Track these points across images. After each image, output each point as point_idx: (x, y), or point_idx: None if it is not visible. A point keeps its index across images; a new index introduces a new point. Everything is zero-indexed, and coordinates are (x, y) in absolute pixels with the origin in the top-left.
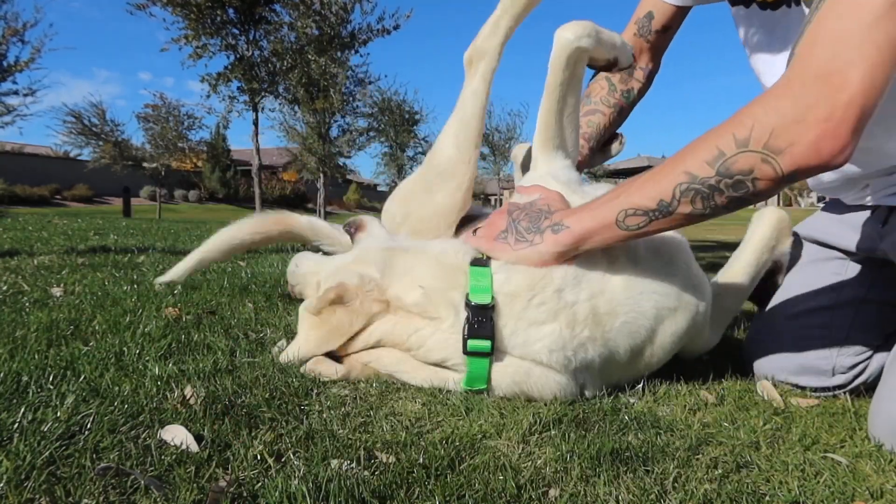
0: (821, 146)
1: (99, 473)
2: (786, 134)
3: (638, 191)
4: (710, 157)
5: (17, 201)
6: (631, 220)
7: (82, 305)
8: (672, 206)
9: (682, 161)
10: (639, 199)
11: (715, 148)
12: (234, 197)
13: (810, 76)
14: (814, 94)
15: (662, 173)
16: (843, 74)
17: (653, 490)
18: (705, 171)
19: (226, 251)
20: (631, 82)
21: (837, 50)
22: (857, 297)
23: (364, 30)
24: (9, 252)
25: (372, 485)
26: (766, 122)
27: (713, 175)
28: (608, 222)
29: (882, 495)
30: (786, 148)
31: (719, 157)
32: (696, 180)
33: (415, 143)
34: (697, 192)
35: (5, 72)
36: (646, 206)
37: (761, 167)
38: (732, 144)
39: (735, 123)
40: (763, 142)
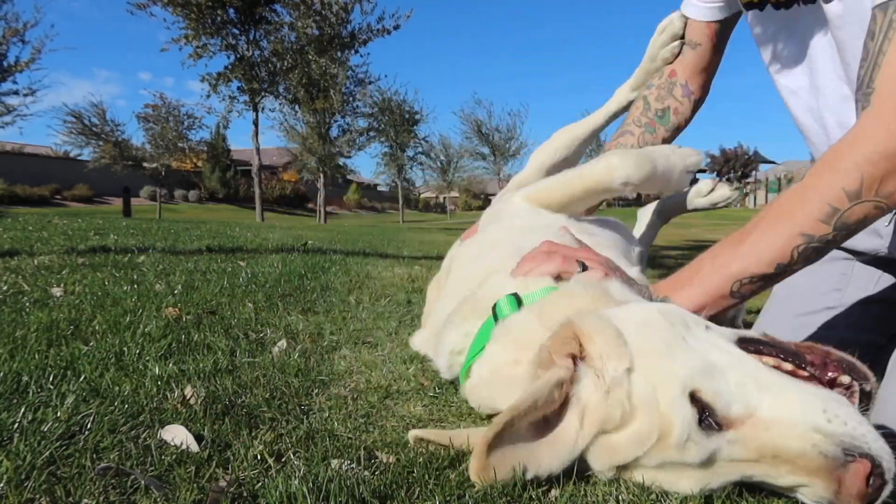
0: None
1: (99, 473)
2: (893, 177)
3: (751, 258)
4: (824, 215)
5: (18, 201)
6: (747, 287)
7: (82, 305)
8: (790, 266)
9: (791, 222)
10: (756, 267)
11: (827, 205)
12: (234, 197)
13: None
14: None
15: (772, 236)
16: None
17: (653, 490)
18: (822, 229)
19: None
20: (668, 100)
21: None
22: (862, 298)
23: (364, 30)
24: (9, 252)
25: (372, 485)
26: (874, 171)
27: (831, 231)
28: (723, 294)
29: None
30: (894, 191)
31: (834, 213)
32: (813, 240)
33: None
34: (815, 249)
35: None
36: (764, 273)
37: (873, 212)
38: (845, 199)
39: (841, 175)
40: (874, 190)
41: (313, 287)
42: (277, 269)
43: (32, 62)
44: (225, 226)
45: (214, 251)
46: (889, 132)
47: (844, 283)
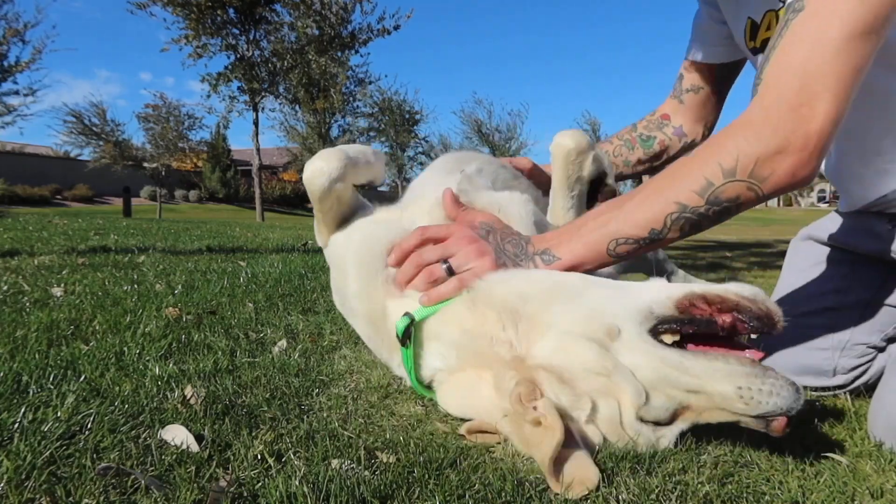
0: (797, 172)
1: (99, 473)
2: (769, 163)
3: (627, 220)
4: (699, 187)
5: (18, 201)
6: (622, 248)
7: (83, 305)
8: (663, 233)
9: (670, 190)
10: (630, 229)
11: (703, 178)
12: (234, 197)
13: (784, 108)
14: (790, 125)
15: (650, 202)
16: (812, 106)
17: (653, 490)
18: (695, 200)
19: None
20: (655, 132)
21: (805, 83)
22: (863, 300)
23: (364, 30)
24: (9, 252)
25: (373, 485)
26: (750, 152)
27: (703, 204)
28: (600, 252)
29: (882, 495)
30: (768, 176)
31: (708, 187)
32: (686, 209)
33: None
34: (687, 220)
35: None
36: (638, 236)
37: (746, 194)
38: (720, 174)
39: (720, 152)
40: (749, 171)
41: (313, 287)
42: (278, 268)
43: (33, 62)
44: (225, 226)
45: (215, 251)
46: (767, 120)
47: (847, 284)
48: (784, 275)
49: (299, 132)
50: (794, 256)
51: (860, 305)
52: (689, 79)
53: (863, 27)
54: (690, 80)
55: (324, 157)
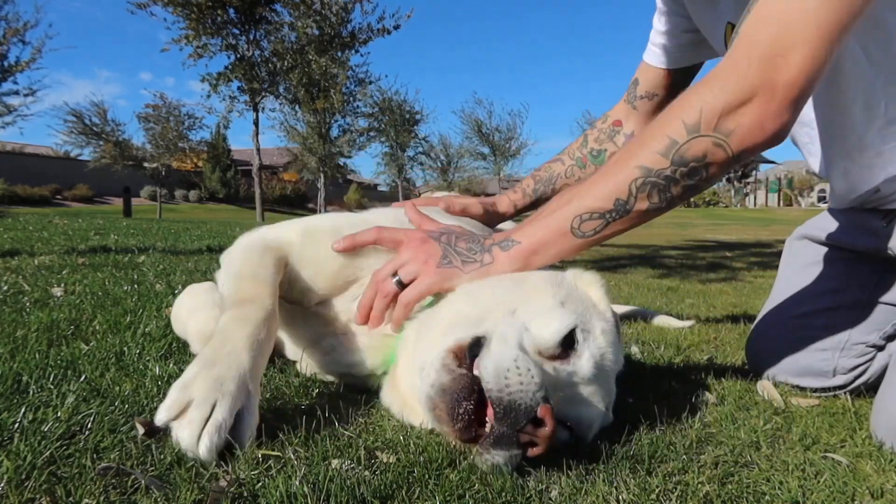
0: (765, 124)
1: (100, 473)
2: (733, 115)
3: (589, 192)
4: (663, 147)
5: (18, 201)
6: (587, 225)
7: (83, 305)
8: (629, 203)
9: (633, 155)
10: (592, 201)
11: (666, 137)
12: (234, 197)
13: (755, 56)
14: (758, 74)
15: (614, 170)
16: (786, 56)
17: (653, 490)
18: (660, 162)
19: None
20: (606, 143)
21: (782, 32)
22: (861, 299)
23: (364, 29)
24: (9, 252)
25: (373, 485)
26: (715, 103)
27: (668, 166)
28: (562, 231)
29: (882, 495)
30: (734, 129)
31: (672, 146)
32: (651, 173)
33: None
34: (654, 186)
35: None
36: (601, 208)
37: (714, 151)
38: (683, 131)
39: (683, 108)
40: (713, 125)
41: None
42: None
43: (33, 62)
44: (225, 226)
45: (215, 251)
46: (734, 69)
47: (844, 283)
48: (781, 275)
49: (299, 132)
50: (791, 256)
51: (858, 304)
52: (644, 84)
53: None
54: (645, 86)
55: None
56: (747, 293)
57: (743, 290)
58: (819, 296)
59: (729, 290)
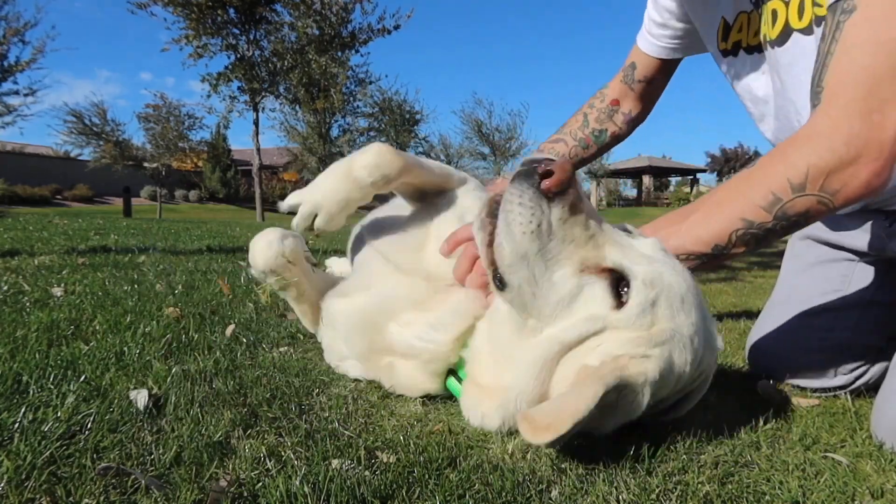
0: (871, 182)
1: (99, 473)
2: (841, 175)
3: (689, 235)
4: (766, 202)
5: (18, 201)
6: (685, 263)
7: (83, 305)
8: (727, 249)
9: (734, 205)
10: (693, 245)
11: (770, 193)
12: (234, 197)
13: (855, 116)
14: (862, 135)
15: (716, 216)
16: (883, 113)
17: (653, 489)
18: (762, 216)
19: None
20: (607, 123)
21: (872, 89)
22: (863, 300)
23: (364, 29)
24: (9, 252)
25: (373, 485)
26: (821, 165)
27: (771, 220)
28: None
29: (882, 495)
30: (840, 188)
31: (776, 202)
32: (752, 226)
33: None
34: (753, 236)
35: (6, 72)
36: (700, 251)
37: (817, 208)
38: (788, 190)
39: (787, 166)
40: (819, 185)
41: None
42: None
43: (33, 62)
44: (225, 226)
45: (215, 251)
46: (837, 129)
47: (846, 284)
48: (783, 274)
49: (299, 132)
50: (793, 256)
51: (859, 305)
52: (642, 70)
53: None
54: (643, 71)
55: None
56: (747, 293)
57: (743, 289)
58: (821, 296)
59: (729, 289)
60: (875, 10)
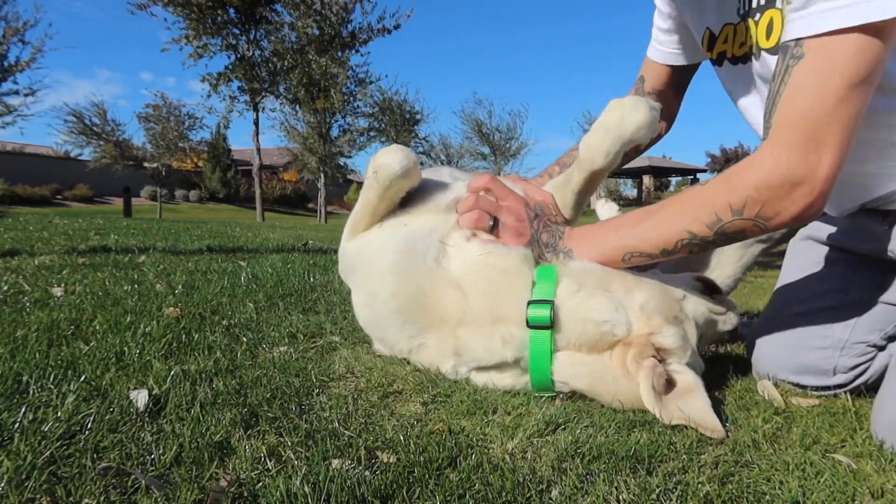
0: (802, 214)
1: (100, 473)
2: (776, 206)
3: (643, 238)
4: (710, 221)
5: (18, 201)
6: (635, 259)
7: (83, 305)
8: (673, 252)
9: (683, 219)
10: (645, 247)
11: (714, 215)
12: (234, 197)
13: (794, 156)
14: (798, 174)
15: (664, 226)
16: (819, 154)
17: (654, 489)
18: (704, 231)
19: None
20: None
21: (812, 133)
22: (863, 299)
23: (364, 29)
24: (10, 252)
25: (373, 485)
26: (759, 197)
27: (711, 235)
28: (615, 260)
29: (883, 495)
30: (773, 216)
31: (717, 222)
32: (695, 238)
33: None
34: (696, 245)
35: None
36: (650, 253)
37: (752, 229)
38: (729, 213)
39: (732, 194)
40: (756, 212)
41: (314, 287)
42: (278, 268)
43: (33, 62)
44: (225, 226)
45: (215, 251)
46: (777, 166)
47: (846, 284)
48: (783, 275)
49: (300, 132)
50: (794, 256)
51: (859, 304)
52: (651, 82)
53: (860, 78)
54: (651, 83)
55: (398, 151)
56: (747, 293)
57: (743, 289)
58: (821, 295)
59: None
60: (819, 62)
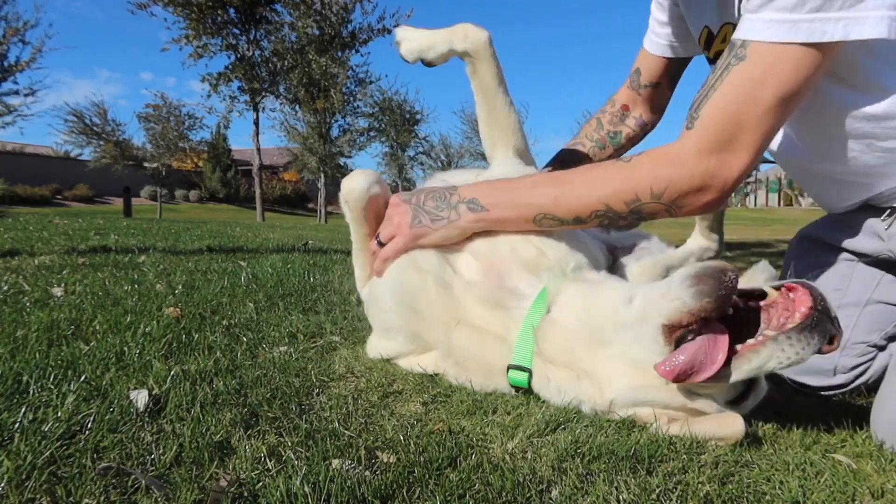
0: (709, 206)
1: (100, 473)
2: (689, 198)
3: (559, 203)
4: (629, 199)
5: (18, 201)
6: (546, 222)
7: (83, 305)
8: (585, 222)
9: (603, 190)
10: (559, 211)
11: (634, 194)
12: (234, 197)
13: (714, 153)
14: (713, 171)
15: (584, 192)
16: (737, 156)
17: (654, 489)
18: (621, 208)
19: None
20: (620, 126)
21: (735, 133)
22: (862, 299)
23: (365, 29)
24: (10, 252)
25: (373, 485)
26: (677, 188)
27: (626, 212)
28: (526, 219)
29: (883, 495)
30: (685, 205)
31: (635, 201)
32: (610, 212)
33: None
34: (608, 218)
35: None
36: (562, 218)
37: (663, 213)
38: (648, 196)
39: (656, 180)
40: (671, 200)
41: (314, 287)
42: (278, 268)
43: (33, 62)
44: (225, 225)
45: (215, 251)
46: (698, 163)
47: (845, 283)
48: (783, 275)
49: (300, 132)
50: (793, 257)
51: (859, 304)
52: (646, 74)
53: (792, 92)
54: (648, 76)
55: (358, 173)
56: None
57: None
58: None
59: None
60: (757, 69)
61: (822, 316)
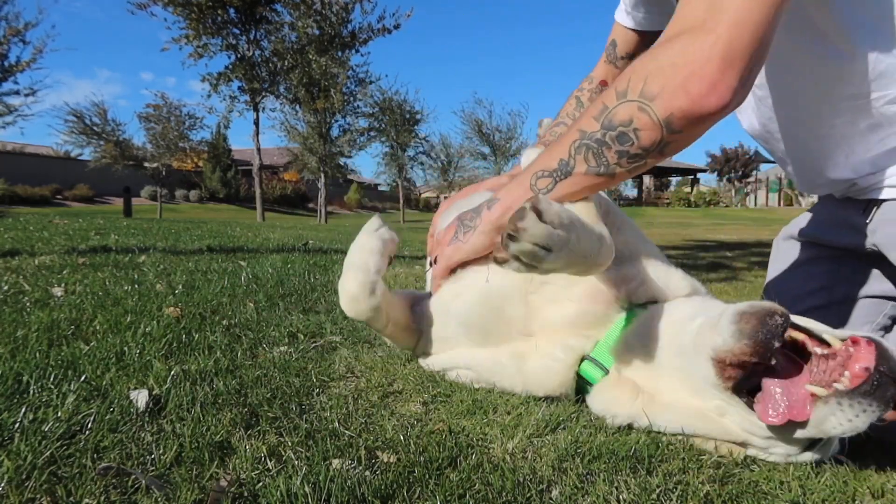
0: (689, 87)
1: (100, 473)
2: (658, 79)
3: (546, 154)
4: (597, 111)
5: (18, 201)
6: (541, 182)
7: (83, 305)
8: (570, 164)
9: (578, 120)
10: (545, 160)
11: (601, 103)
12: (234, 197)
13: (687, 27)
14: (686, 40)
15: (563, 136)
16: (715, 19)
17: (654, 489)
18: (592, 125)
19: None
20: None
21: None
22: (850, 295)
23: (364, 29)
24: (10, 252)
25: (373, 484)
26: (642, 71)
27: (599, 129)
28: (525, 187)
29: (883, 495)
30: (658, 93)
31: (603, 110)
32: (585, 136)
33: (415, 143)
34: (588, 148)
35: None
36: (550, 167)
37: (639, 116)
38: (613, 97)
39: (619, 78)
40: (638, 90)
41: (314, 286)
42: (278, 268)
43: (33, 62)
44: (226, 225)
45: (215, 251)
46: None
47: (832, 281)
48: (770, 277)
49: (300, 132)
50: (778, 257)
51: (847, 300)
52: (623, 46)
53: None
54: (624, 47)
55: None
56: (748, 293)
57: (744, 289)
58: (808, 295)
59: (730, 290)
60: None
61: (884, 379)
